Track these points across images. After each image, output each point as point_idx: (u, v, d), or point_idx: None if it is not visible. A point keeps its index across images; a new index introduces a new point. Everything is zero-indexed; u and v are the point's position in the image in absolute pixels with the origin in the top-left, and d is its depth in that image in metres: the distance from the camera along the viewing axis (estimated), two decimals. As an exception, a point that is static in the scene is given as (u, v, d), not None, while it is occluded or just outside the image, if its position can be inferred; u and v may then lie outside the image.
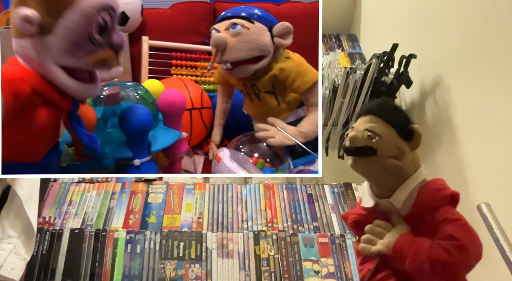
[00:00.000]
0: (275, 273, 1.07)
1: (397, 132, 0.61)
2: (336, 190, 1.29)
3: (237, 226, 1.18)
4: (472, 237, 0.55)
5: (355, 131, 0.62)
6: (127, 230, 1.13)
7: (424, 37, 1.30)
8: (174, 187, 1.28)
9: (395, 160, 0.60)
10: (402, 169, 0.60)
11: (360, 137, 0.61)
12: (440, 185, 0.61)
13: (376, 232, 0.61)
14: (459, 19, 1.10)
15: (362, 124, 0.62)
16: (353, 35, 1.96)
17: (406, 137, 0.61)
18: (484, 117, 0.97)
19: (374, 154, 0.59)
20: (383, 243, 0.58)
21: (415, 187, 0.60)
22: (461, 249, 0.53)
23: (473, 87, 1.02)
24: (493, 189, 0.92)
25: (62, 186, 1.25)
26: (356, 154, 0.61)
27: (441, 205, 0.59)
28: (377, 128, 0.61)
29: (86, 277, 1.03)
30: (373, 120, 0.62)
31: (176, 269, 1.06)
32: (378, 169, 0.60)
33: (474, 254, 0.54)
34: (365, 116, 0.63)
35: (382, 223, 0.61)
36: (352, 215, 0.69)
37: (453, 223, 0.56)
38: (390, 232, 0.60)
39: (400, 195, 0.60)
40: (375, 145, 0.60)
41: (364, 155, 0.60)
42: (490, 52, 0.96)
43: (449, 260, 0.53)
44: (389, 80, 1.26)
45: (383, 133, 0.60)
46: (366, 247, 0.60)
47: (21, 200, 1.00)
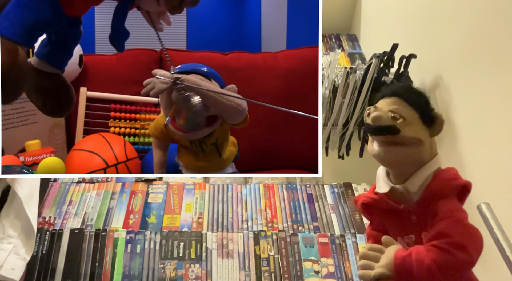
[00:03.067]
0: (275, 273, 1.07)
1: (420, 117, 0.61)
2: (336, 190, 1.29)
3: (237, 226, 1.18)
4: (466, 232, 0.55)
5: (378, 111, 0.62)
6: (127, 230, 1.13)
7: (424, 37, 1.30)
8: (174, 187, 1.28)
9: (416, 145, 0.60)
10: (422, 154, 0.61)
11: (384, 117, 0.61)
12: (453, 175, 0.62)
13: (371, 256, 0.60)
14: (459, 19, 1.10)
15: (386, 105, 0.62)
16: (353, 35, 1.96)
17: (427, 123, 0.62)
18: (484, 117, 0.97)
19: (398, 133, 0.60)
20: (382, 265, 0.57)
21: (430, 173, 0.61)
22: (457, 245, 0.53)
23: (473, 87, 1.02)
24: (493, 189, 0.92)
25: (62, 186, 1.25)
26: (379, 132, 0.61)
27: (450, 195, 0.60)
28: (401, 110, 0.61)
29: (86, 277, 1.03)
30: (397, 103, 0.62)
31: (176, 269, 1.06)
32: (401, 155, 0.60)
33: (472, 248, 0.54)
34: (389, 98, 0.63)
35: (374, 246, 0.61)
36: (363, 198, 0.69)
37: (445, 220, 0.57)
38: (385, 253, 0.59)
39: (416, 180, 0.61)
40: (398, 126, 0.60)
41: (387, 134, 0.60)
42: (490, 52, 0.96)
43: (451, 259, 0.53)
44: (389, 80, 1.26)
45: (407, 116, 0.60)
46: (365, 273, 0.59)
47: (21, 200, 1.00)
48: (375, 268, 0.58)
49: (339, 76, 1.32)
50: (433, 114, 0.62)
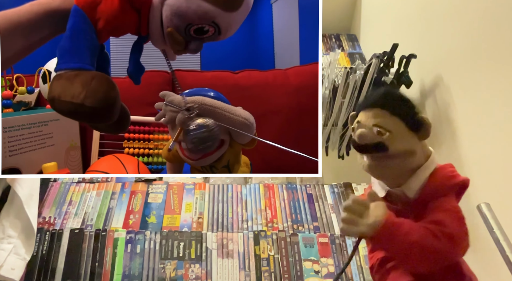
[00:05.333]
0: (275, 273, 1.07)
1: (405, 125, 0.59)
2: (336, 190, 1.29)
3: (237, 226, 1.18)
4: (461, 228, 0.54)
5: (363, 128, 0.59)
6: (127, 230, 1.13)
7: (424, 37, 1.30)
8: (174, 187, 1.28)
9: (407, 156, 0.58)
10: (414, 163, 0.59)
11: (370, 134, 0.58)
12: (450, 172, 0.60)
13: (356, 210, 0.57)
14: (459, 19, 1.10)
15: (369, 119, 0.59)
16: (353, 35, 1.96)
17: (414, 129, 0.59)
18: (484, 117, 0.97)
19: (386, 150, 0.58)
20: (368, 224, 0.54)
21: (427, 175, 0.59)
22: (449, 236, 0.53)
23: (473, 87, 1.02)
24: (493, 189, 0.92)
25: (62, 186, 1.25)
26: (367, 151, 0.59)
27: (448, 193, 0.58)
28: (386, 123, 0.58)
29: (86, 277, 1.04)
30: (380, 115, 0.59)
31: (176, 269, 1.06)
32: (393, 168, 0.59)
33: (460, 244, 0.53)
34: (370, 110, 0.60)
35: (360, 200, 0.58)
36: None
37: (446, 212, 0.56)
38: (372, 211, 0.56)
39: (413, 184, 0.59)
40: (386, 141, 0.57)
41: (376, 152, 0.58)
42: (490, 52, 0.96)
43: (438, 246, 0.52)
44: (389, 80, 1.26)
45: (393, 128, 0.58)
46: (349, 228, 0.56)
47: (21, 200, 1.00)
48: (359, 225, 0.55)
49: (339, 76, 1.32)
50: (418, 119, 0.59)
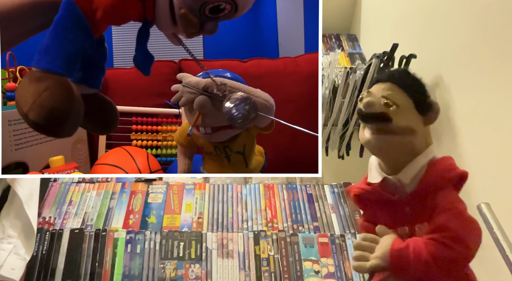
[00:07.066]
0: (275, 273, 1.07)
1: (414, 105, 0.59)
2: (336, 190, 1.29)
3: (237, 226, 1.18)
4: (467, 225, 0.54)
5: (371, 97, 0.59)
6: (127, 230, 1.13)
7: (424, 37, 1.30)
8: (174, 187, 1.28)
9: (408, 134, 0.58)
10: (414, 144, 0.58)
11: (376, 103, 0.58)
12: (449, 165, 0.59)
13: (366, 246, 0.58)
14: (459, 19, 1.10)
15: (380, 90, 0.59)
16: (353, 35, 1.96)
17: (422, 111, 0.59)
18: (484, 117, 0.97)
19: (390, 121, 0.57)
20: (377, 257, 0.55)
21: (424, 164, 0.58)
22: (457, 240, 0.52)
23: (473, 87, 1.02)
24: (493, 189, 0.92)
25: (62, 186, 1.25)
26: (370, 119, 0.59)
27: (446, 186, 0.57)
28: (395, 97, 0.58)
29: (86, 277, 1.04)
30: (392, 88, 0.59)
31: (176, 269, 1.06)
32: (393, 145, 0.58)
33: (472, 242, 0.53)
34: (383, 83, 0.60)
35: (369, 236, 0.59)
36: (355, 189, 0.67)
37: (446, 212, 0.55)
38: (380, 243, 0.57)
39: (409, 171, 0.58)
40: (391, 113, 0.57)
41: (379, 121, 0.58)
42: (490, 52, 0.96)
43: (451, 255, 0.51)
44: (389, 80, 1.26)
45: (401, 104, 0.58)
46: (361, 265, 0.56)
47: (21, 200, 1.00)
48: (370, 259, 0.55)
49: (339, 76, 1.33)
50: (428, 102, 0.59)
